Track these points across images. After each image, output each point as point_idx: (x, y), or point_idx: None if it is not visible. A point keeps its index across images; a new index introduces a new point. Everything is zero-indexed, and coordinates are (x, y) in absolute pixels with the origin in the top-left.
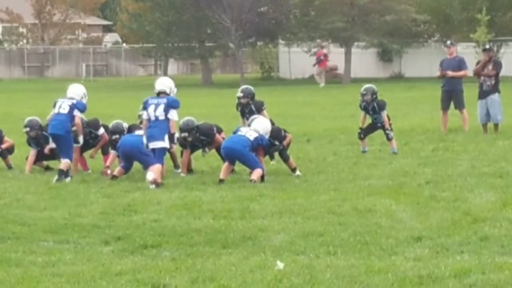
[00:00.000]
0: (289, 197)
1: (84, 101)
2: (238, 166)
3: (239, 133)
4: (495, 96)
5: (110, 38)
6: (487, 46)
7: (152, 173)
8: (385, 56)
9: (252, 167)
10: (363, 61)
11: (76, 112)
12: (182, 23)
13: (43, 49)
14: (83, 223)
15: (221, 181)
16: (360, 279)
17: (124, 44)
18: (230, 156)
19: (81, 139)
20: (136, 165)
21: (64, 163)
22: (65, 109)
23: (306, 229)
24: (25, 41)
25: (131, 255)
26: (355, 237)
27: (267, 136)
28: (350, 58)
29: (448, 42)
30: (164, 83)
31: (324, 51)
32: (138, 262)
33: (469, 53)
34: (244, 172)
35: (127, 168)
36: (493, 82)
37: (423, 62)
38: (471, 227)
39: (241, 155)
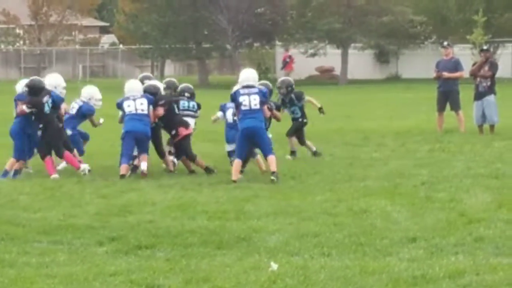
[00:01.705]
0: (284, 198)
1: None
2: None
3: (244, 106)
4: (491, 98)
5: (107, 39)
6: (484, 47)
7: (145, 163)
8: (382, 57)
9: (267, 150)
10: (360, 62)
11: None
12: (179, 24)
13: (39, 50)
14: (77, 224)
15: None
16: (354, 280)
17: (121, 45)
18: (250, 136)
19: None
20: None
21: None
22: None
23: (301, 230)
24: (21, 42)
25: (125, 256)
26: (350, 238)
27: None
28: (347, 59)
29: (445, 43)
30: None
31: (289, 53)
32: (132, 262)
33: (465, 55)
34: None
35: (129, 161)
36: (489, 83)
37: (419, 63)
38: (466, 228)
39: (262, 133)
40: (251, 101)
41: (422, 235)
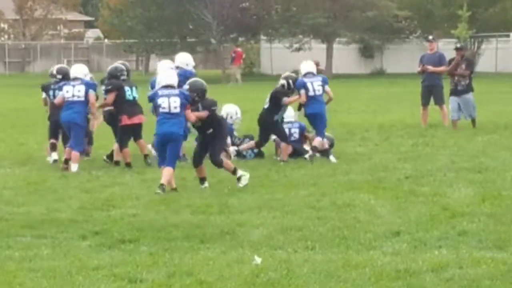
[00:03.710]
0: (268, 192)
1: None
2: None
3: (163, 108)
4: (469, 96)
5: (92, 34)
6: (458, 45)
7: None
8: (367, 52)
9: (169, 161)
10: (345, 57)
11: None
12: (164, 19)
13: (24, 45)
14: (61, 218)
15: (161, 185)
16: (337, 274)
17: (105, 40)
18: (166, 142)
19: None
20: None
21: None
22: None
23: (284, 224)
24: (6, 36)
25: (109, 250)
26: (333, 231)
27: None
28: (331, 54)
29: (430, 37)
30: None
31: (238, 49)
32: (115, 256)
33: (450, 49)
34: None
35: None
36: (467, 81)
37: (404, 58)
38: (449, 222)
39: (177, 141)
40: (170, 103)
41: (406, 229)
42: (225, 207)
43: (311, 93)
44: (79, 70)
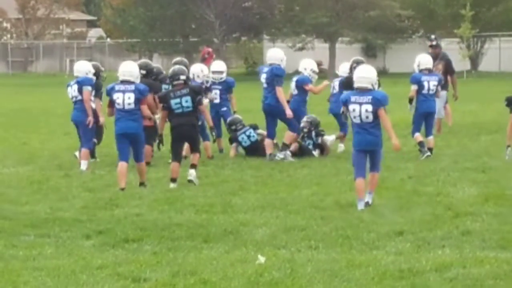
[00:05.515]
0: (271, 191)
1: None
2: (217, 164)
3: (118, 104)
4: (442, 93)
5: (94, 33)
6: (434, 43)
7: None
8: (370, 51)
9: (138, 156)
10: (348, 57)
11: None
12: (166, 18)
13: (27, 44)
14: (64, 217)
15: (121, 189)
16: (341, 273)
17: (108, 39)
18: (127, 139)
19: None
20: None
21: None
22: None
23: (288, 224)
24: (9, 36)
25: (112, 249)
26: (336, 231)
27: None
28: (334, 53)
29: (432, 36)
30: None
31: (209, 49)
32: (119, 256)
33: (453, 49)
34: (226, 167)
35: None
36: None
37: (407, 57)
38: (453, 222)
39: (138, 138)
40: (125, 99)
41: (409, 229)
42: (229, 206)
43: (424, 91)
44: (79, 68)
